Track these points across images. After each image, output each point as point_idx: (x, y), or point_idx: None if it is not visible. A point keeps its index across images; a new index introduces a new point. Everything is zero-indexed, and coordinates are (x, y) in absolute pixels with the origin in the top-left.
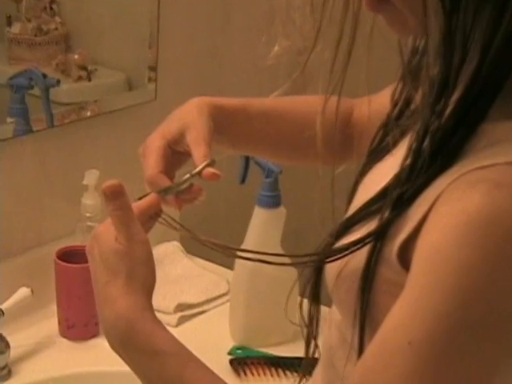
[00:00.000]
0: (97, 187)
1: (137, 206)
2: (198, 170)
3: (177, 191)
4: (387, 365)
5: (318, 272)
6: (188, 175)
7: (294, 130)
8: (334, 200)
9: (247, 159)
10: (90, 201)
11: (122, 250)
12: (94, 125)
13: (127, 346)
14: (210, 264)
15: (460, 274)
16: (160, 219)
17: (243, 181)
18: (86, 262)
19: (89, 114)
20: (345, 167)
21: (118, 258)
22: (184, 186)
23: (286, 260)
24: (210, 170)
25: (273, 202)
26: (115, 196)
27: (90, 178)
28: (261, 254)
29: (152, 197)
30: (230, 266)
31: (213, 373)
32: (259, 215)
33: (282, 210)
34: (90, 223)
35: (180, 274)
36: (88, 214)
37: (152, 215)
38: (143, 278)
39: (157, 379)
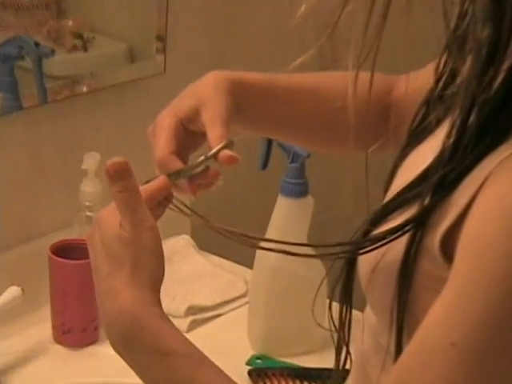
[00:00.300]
0: (97, 172)
1: (145, 189)
2: (213, 152)
3: (190, 175)
4: (427, 364)
5: (351, 266)
6: (203, 157)
7: (322, 107)
8: (368, 187)
9: (270, 141)
10: (90, 188)
11: (127, 237)
12: (93, 101)
13: (131, 344)
14: (226, 261)
15: (507, 260)
16: (170, 205)
17: (265, 166)
18: (85, 257)
19: (85, 89)
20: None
21: (123, 246)
22: (198, 169)
23: (314, 252)
24: (227, 152)
25: (299, 190)
26: (120, 176)
27: (90, 161)
28: (284, 244)
29: (162, 179)
30: (249, 264)
31: (225, 375)
32: (283, 205)
33: (309, 199)
34: (89, 213)
35: (191, 273)
36: (87, 203)
37: (161, 201)
38: (150, 269)
39: (164, 382)
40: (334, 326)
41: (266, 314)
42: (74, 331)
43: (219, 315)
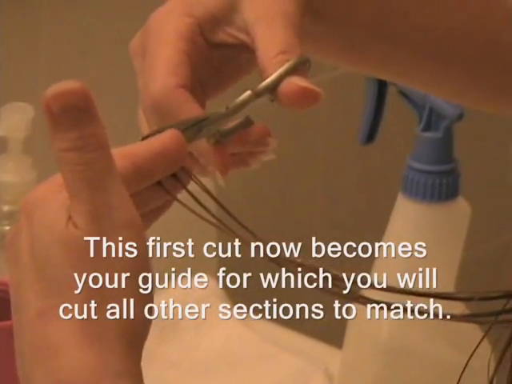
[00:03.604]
0: (26, 143)
1: (130, 151)
2: (270, 79)
3: (217, 133)
4: None
5: None
6: (248, 92)
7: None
8: None
9: (381, 85)
10: (12, 175)
11: (81, 243)
12: None
13: None
14: (287, 332)
15: None
16: (181, 192)
17: (371, 137)
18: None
19: None
20: None
21: (72, 259)
22: (233, 118)
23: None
24: (297, 81)
25: (441, 186)
26: (74, 117)
27: (12, 121)
28: (426, 296)
29: (170, 135)
30: (332, 339)
31: None
32: (410, 216)
33: (461, 204)
34: (6, 225)
35: (218, 354)
36: (6, 208)
37: (164, 179)
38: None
39: None
40: None
41: None
42: None
43: None
